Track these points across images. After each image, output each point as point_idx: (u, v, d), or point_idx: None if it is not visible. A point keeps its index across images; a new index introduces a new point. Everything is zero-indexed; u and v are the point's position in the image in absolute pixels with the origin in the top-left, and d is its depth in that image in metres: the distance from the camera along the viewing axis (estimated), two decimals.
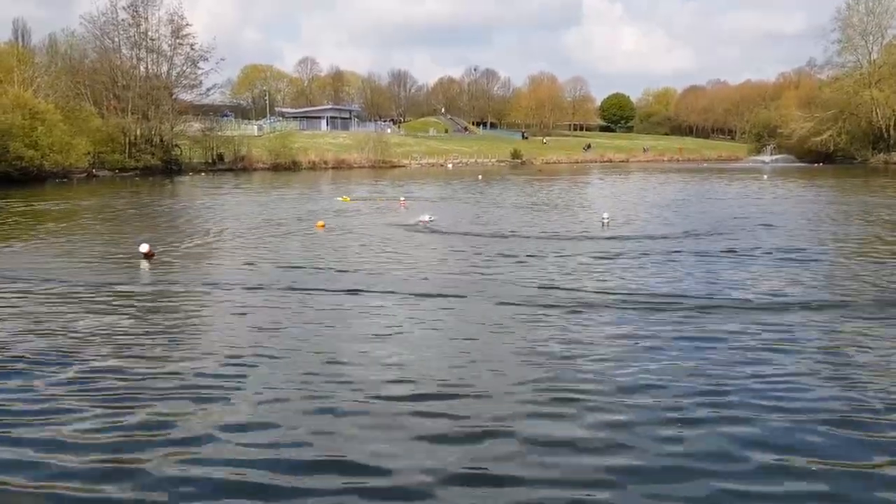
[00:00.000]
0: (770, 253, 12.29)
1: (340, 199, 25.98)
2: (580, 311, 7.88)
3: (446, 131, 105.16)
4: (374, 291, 9.06)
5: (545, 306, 8.10)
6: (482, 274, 10.47)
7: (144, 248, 12.29)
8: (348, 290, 9.13)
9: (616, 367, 5.93)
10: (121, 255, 12.65)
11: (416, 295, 8.76)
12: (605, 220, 17.32)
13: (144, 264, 11.66)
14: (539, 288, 9.25)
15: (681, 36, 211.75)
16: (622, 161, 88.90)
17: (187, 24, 55.18)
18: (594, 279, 9.84)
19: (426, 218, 17.71)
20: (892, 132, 65.23)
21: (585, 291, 9.00)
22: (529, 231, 15.99)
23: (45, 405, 5.17)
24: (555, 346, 6.56)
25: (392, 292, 8.95)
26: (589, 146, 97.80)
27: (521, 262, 11.54)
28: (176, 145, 56.13)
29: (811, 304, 8.20)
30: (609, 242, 13.82)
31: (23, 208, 23.19)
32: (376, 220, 18.81)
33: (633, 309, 7.96)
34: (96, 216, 21.22)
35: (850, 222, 17.46)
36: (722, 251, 12.46)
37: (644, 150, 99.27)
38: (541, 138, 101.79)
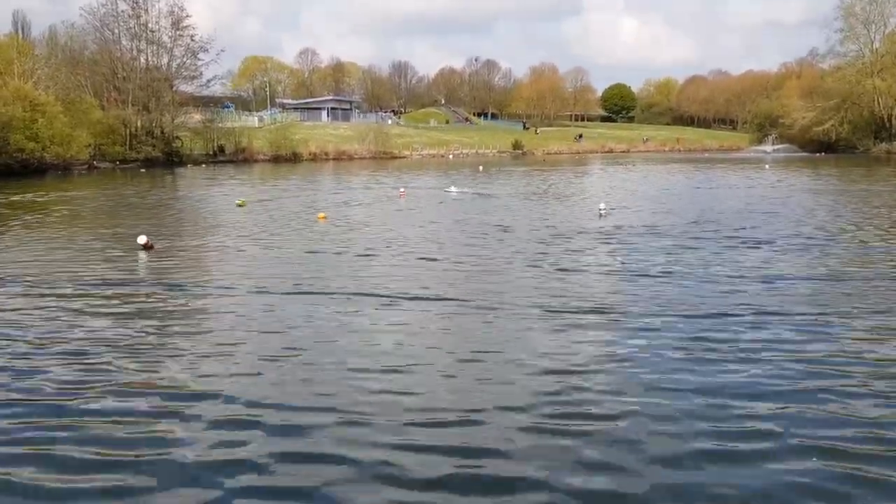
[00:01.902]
0: (774, 243, 12.20)
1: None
2: (574, 312, 7.76)
3: (447, 122, 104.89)
4: (372, 290, 8.86)
5: (544, 307, 7.98)
6: (479, 272, 10.46)
7: (143, 239, 12.33)
8: (346, 289, 8.99)
9: (615, 373, 5.71)
10: (119, 247, 12.70)
11: (416, 297, 8.50)
12: (602, 211, 17.34)
13: (143, 256, 11.73)
14: (537, 286, 9.27)
15: (682, 26, 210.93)
16: (623, 151, 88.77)
17: (187, 16, 55.15)
18: (588, 277, 9.80)
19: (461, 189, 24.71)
20: (894, 122, 65.01)
21: (581, 290, 9.03)
22: (530, 223, 16.04)
23: (39, 406, 5.13)
24: (555, 350, 6.34)
25: (390, 292, 8.72)
26: (580, 136, 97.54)
27: (524, 258, 11.52)
28: (177, 137, 56.09)
29: (820, 304, 7.84)
30: (604, 234, 13.87)
31: (22, 200, 23.25)
32: (377, 212, 18.87)
33: (630, 309, 7.86)
34: (96, 208, 21.30)
35: (860, 210, 17.43)
36: (723, 242, 12.49)
37: (644, 141, 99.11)
38: (534, 129, 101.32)
